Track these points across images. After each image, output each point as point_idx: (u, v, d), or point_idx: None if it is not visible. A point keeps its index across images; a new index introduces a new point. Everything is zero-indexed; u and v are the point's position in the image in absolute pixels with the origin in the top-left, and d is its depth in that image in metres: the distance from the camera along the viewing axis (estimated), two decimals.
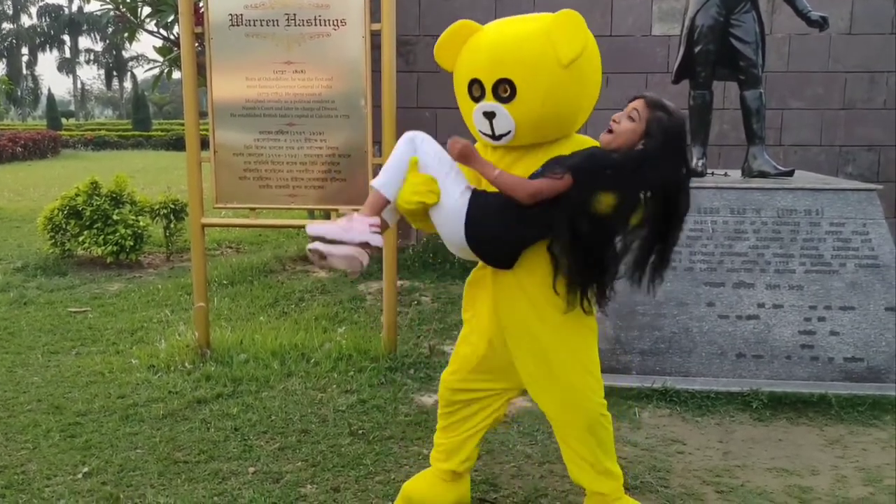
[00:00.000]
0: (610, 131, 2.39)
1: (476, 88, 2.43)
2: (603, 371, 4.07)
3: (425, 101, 7.12)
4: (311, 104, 4.33)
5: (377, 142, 4.41)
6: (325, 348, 4.69)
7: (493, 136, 2.44)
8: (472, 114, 2.46)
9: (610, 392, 3.92)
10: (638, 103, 2.38)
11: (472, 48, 2.47)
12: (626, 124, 2.37)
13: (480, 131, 2.48)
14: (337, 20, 4.24)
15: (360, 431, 3.61)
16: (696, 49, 4.70)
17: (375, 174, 4.32)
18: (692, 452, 3.41)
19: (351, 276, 2.73)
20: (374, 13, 4.25)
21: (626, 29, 6.93)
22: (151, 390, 4.09)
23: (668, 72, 6.69)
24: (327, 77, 4.28)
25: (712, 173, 4.95)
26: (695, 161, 4.79)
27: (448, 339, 5.07)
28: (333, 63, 4.27)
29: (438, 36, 2.57)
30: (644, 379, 4.05)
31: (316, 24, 4.25)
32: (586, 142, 2.52)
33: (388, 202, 2.49)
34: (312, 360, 4.49)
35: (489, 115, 2.40)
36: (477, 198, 2.43)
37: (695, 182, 4.41)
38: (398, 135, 2.61)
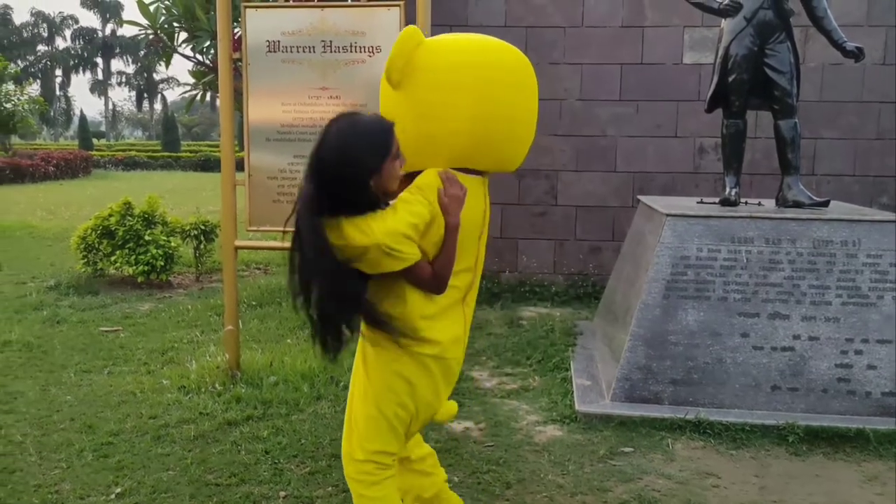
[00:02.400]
0: None
1: None
2: (634, 401, 4.10)
3: None
4: None
5: None
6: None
7: None
8: None
9: (641, 422, 3.93)
10: None
11: None
12: None
13: None
14: (372, 47, 4.29)
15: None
16: (730, 78, 4.69)
17: None
18: (728, 487, 3.35)
19: None
20: None
21: (657, 57, 6.93)
22: (182, 411, 4.11)
23: (699, 100, 6.70)
24: (361, 102, 4.32)
25: (745, 202, 4.92)
26: (728, 190, 4.77)
27: (476, 364, 5.05)
28: (368, 89, 4.30)
29: None
30: (676, 409, 4.00)
31: (351, 51, 4.30)
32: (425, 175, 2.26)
33: None
34: (342, 384, 4.48)
35: None
36: None
37: (729, 212, 4.42)
38: None
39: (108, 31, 62.58)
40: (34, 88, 42.02)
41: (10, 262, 8.72)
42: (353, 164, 2.08)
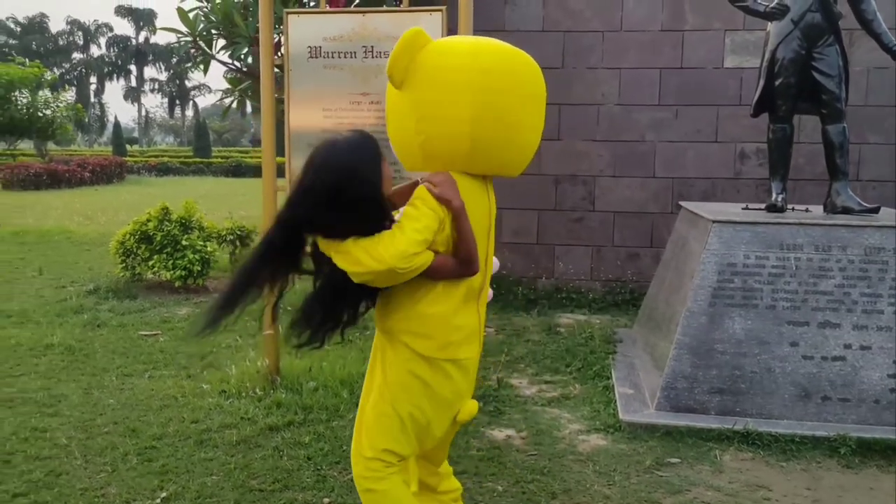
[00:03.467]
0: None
1: None
2: (680, 410, 4.02)
3: None
4: (386, 134, 4.34)
5: None
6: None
7: None
8: None
9: (688, 433, 3.86)
10: None
11: None
12: None
13: None
14: None
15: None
16: (777, 82, 4.61)
17: None
18: (779, 500, 3.27)
19: None
20: None
21: (697, 61, 6.85)
22: (224, 416, 4.11)
23: (740, 104, 6.63)
24: None
25: (792, 209, 4.82)
26: (775, 196, 4.68)
27: (515, 372, 5.01)
28: None
29: None
30: (723, 419, 3.92)
31: None
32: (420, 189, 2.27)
33: None
34: None
35: None
36: None
37: (777, 218, 4.33)
38: None
39: (141, 38, 63.50)
40: (70, 95, 42.74)
41: (49, 267, 8.84)
42: (365, 181, 2.11)
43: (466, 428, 3.98)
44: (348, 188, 2.08)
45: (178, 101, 66.80)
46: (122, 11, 62.50)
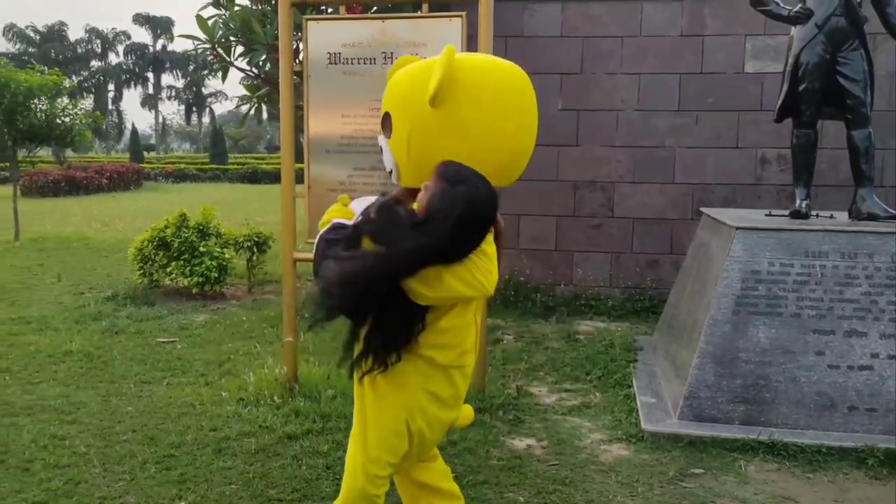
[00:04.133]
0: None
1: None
2: (703, 420, 3.96)
3: None
4: None
5: None
6: None
7: (389, 174, 2.29)
8: None
9: (712, 443, 3.79)
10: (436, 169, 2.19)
11: None
12: (422, 193, 2.15)
13: None
14: None
15: (453, 475, 3.50)
16: (801, 87, 4.54)
17: None
18: None
19: None
20: (470, 51, 4.23)
21: (717, 66, 6.79)
22: (242, 424, 4.09)
23: (762, 109, 6.56)
24: None
25: (816, 215, 4.75)
26: (799, 202, 4.61)
27: (535, 380, 4.96)
28: None
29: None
30: (748, 430, 3.86)
31: None
32: None
33: None
34: None
35: (381, 150, 2.27)
36: None
37: (802, 225, 4.27)
38: None
39: (158, 46, 64.00)
40: (88, 103, 43.13)
41: (68, 273, 8.88)
42: (494, 209, 2.10)
43: (486, 437, 3.94)
44: (489, 219, 2.09)
45: (194, 108, 67.22)
46: (140, 19, 62.96)
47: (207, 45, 7.63)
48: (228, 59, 7.74)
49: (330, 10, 5.63)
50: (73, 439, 3.88)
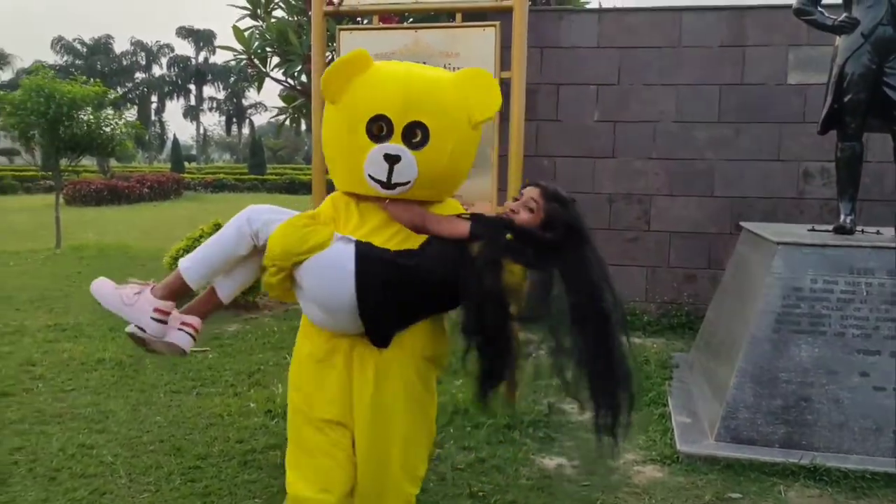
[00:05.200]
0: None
1: (379, 127, 2.12)
2: (741, 442, 3.82)
3: (544, 149, 7.02)
4: None
5: (501, 190, 4.31)
6: (440, 401, 4.54)
7: (387, 184, 2.13)
8: (367, 154, 2.11)
9: (750, 466, 3.65)
10: (534, 193, 2.19)
11: (377, 83, 2.16)
12: (525, 215, 2.16)
13: (370, 175, 2.13)
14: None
15: (481, 493, 3.44)
16: (846, 98, 4.39)
17: None
18: None
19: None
20: (504, 61, 4.18)
21: (758, 77, 6.64)
22: (269, 437, 4.05)
23: (805, 122, 6.40)
24: None
25: (862, 231, 4.58)
26: (843, 217, 4.45)
27: (566, 396, 4.84)
28: None
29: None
30: (788, 453, 3.71)
31: None
32: (459, 208, 2.35)
33: (189, 290, 2.25)
34: None
35: (392, 159, 2.10)
36: (368, 250, 2.10)
37: (846, 240, 4.12)
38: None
39: (201, 58, 65.09)
40: (132, 114, 43.98)
41: None
42: None
43: (515, 455, 3.85)
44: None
45: (234, 119, 68.12)
46: (184, 32, 64.08)
47: (244, 56, 7.68)
48: (264, 70, 7.79)
49: (364, 20, 5.61)
50: (101, 448, 3.88)
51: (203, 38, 64.02)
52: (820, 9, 4.62)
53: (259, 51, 7.58)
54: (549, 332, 2.16)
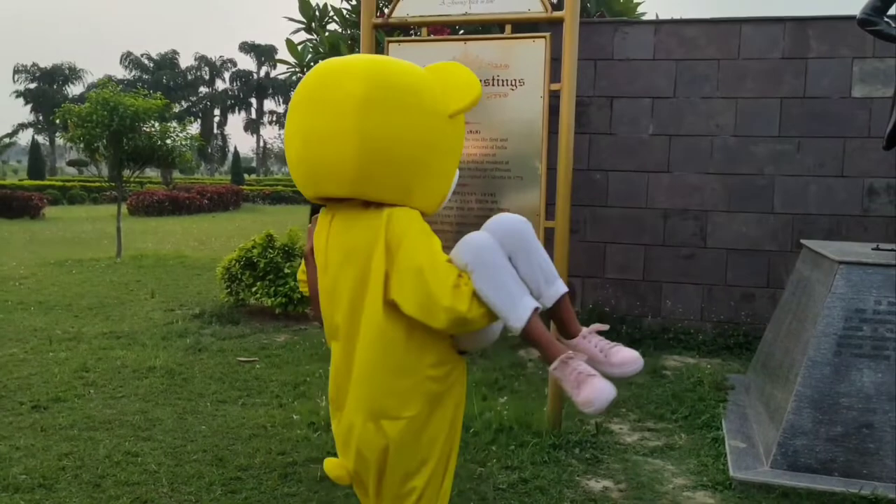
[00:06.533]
0: None
1: None
2: (798, 469, 3.65)
3: (597, 162, 6.89)
4: (484, 165, 4.21)
5: (550, 204, 4.22)
6: (484, 417, 4.48)
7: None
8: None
9: (807, 495, 3.49)
10: None
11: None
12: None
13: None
14: (516, 80, 4.13)
15: None
16: None
17: (548, 238, 4.13)
18: None
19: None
20: (554, 73, 4.10)
21: (822, 90, 6.41)
22: (311, 449, 4.03)
23: (870, 136, 6.16)
24: (502, 138, 4.16)
25: None
26: None
27: (616, 416, 4.72)
28: (510, 124, 4.14)
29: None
30: (848, 482, 3.52)
31: (494, 85, 4.15)
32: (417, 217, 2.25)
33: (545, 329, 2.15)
34: (472, 430, 4.28)
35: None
36: None
37: None
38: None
39: (262, 73, 66.48)
40: (195, 127, 45.04)
41: (162, 290, 9.16)
42: None
43: (560, 476, 3.74)
44: None
45: None
46: (246, 47, 65.62)
47: (298, 70, 7.75)
48: None
49: (415, 31, 5.60)
50: (146, 456, 3.90)
51: (264, 53, 65.43)
52: (886, 19, 4.43)
53: (312, 64, 7.64)
54: None
